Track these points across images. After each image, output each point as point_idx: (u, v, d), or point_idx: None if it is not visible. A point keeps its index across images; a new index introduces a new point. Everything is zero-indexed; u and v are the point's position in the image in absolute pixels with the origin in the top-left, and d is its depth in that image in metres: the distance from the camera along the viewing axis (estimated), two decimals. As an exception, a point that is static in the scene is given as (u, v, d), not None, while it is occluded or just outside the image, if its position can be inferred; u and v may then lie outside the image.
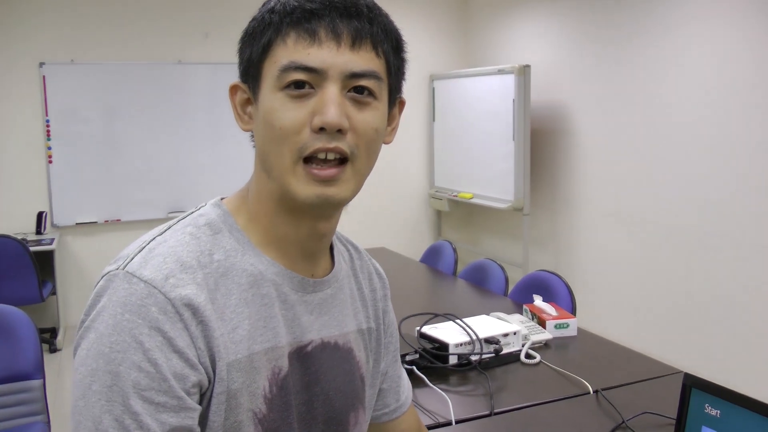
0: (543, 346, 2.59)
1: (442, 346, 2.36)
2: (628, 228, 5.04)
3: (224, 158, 6.15)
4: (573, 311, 3.02)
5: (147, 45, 5.91)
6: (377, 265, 1.28)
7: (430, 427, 1.95)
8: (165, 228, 1.00)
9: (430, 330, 2.46)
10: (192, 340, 0.91)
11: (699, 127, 4.39)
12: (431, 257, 4.36)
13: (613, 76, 5.11)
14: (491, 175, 5.92)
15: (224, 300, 0.95)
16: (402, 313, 2.55)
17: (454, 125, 6.44)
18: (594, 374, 2.30)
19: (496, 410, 2.06)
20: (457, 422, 1.99)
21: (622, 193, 5.09)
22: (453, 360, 2.34)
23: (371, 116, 0.97)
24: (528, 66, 5.51)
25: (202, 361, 0.92)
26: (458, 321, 2.49)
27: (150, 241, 0.97)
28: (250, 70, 0.99)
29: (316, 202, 0.96)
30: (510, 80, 5.56)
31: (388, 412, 1.29)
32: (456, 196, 6.43)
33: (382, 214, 6.64)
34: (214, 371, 0.93)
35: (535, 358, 2.45)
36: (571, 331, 2.72)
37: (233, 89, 1.03)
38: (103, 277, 0.93)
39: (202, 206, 1.05)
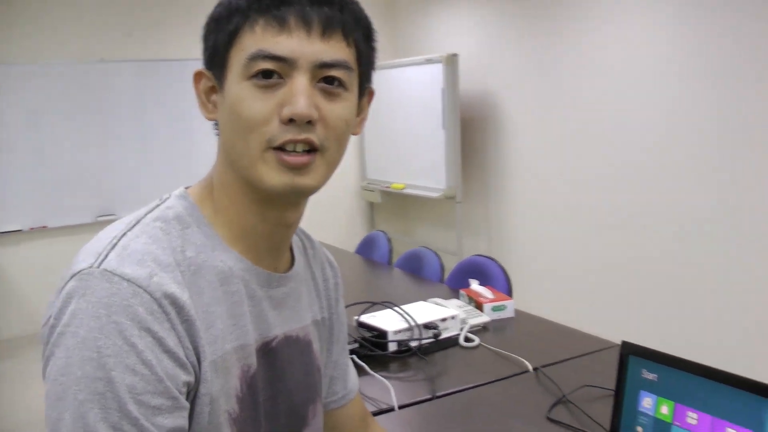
0: (481, 329, 2.60)
1: (381, 334, 2.35)
2: (560, 212, 5.12)
3: (155, 160, 6.02)
4: (509, 293, 3.05)
5: (66, 43, 5.74)
6: (329, 255, 1.27)
7: (374, 414, 1.94)
8: (133, 222, 0.94)
9: (368, 318, 2.45)
10: (179, 340, 0.87)
11: (626, 115, 4.48)
12: (366, 248, 4.36)
13: (542, 64, 5.17)
14: (422, 165, 5.94)
15: (198, 298, 0.92)
16: (340, 303, 2.54)
17: (384, 116, 6.44)
18: (533, 353, 2.33)
19: (437, 393, 2.07)
20: (400, 407, 1.99)
21: (552, 178, 5.16)
22: (393, 347, 2.33)
23: (341, 107, 0.94)
24: (456, 55, 5.54)
25: (190, 360, 0.88)
26: (396, 308, 2.49)
27: (121, 237, 0.90)
28: (216, 58, 0.95)
29: (286, 190, 0.93)
30: (438, 69, 5.59)
31: (336, 399, 1.28)
32: (388, 188, 6.43)
33: (314, 208, 6.48)
34: (199, 370, 0.90)
35: (474, 341, 2.46)
36: (509, 313, 2.74)
37: (197, 76, 0.99)
38: (73, 276, 0.86)
39: (167, 198, 1.00)
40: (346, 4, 0.95)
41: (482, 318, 2.63)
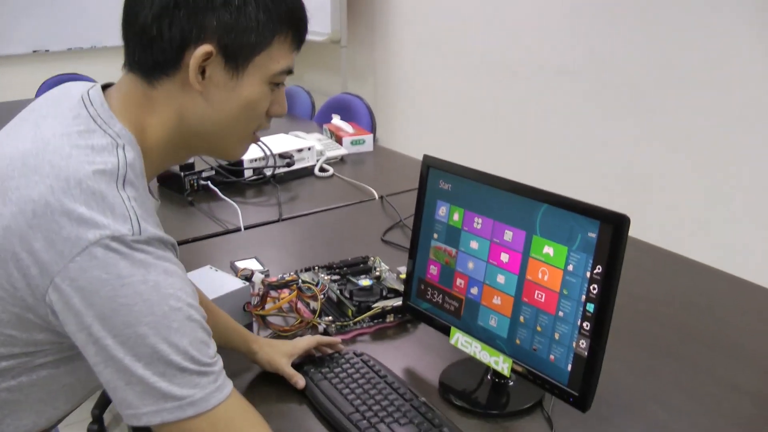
0: (339, 161, 2.70)
1: (237, 162, 2.42)
2: (444, 56, 5.17)
3: None
4: (373, 130, 3.14)
5: None
6: None
7: (219, 234, 2.04)
8: (120, 178, 0.96)
9: (226, 147, 2.50)
10: None
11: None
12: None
13: None
14: (307, 9, 5.84)
15: None
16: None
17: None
18: (382, 184, 2.44)
19: (284, 216, 2.17)
20: (245, 228, 2.08)
21: (438, 22, 5.18)
22: (248, 174, 2.41)
23: None
24: None
25: None
26: (254, 138, 2.54)
27: (129, 200, 0.94)
28: (242, 54, 1.02)
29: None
30: None
31: None
32: (275, 30, 6.32)
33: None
34: None
35: (328, 171, 2.56)
36: (367, 147, 2.84)
37: (207, 55, 0.99)
38: (114, 239, 0.90)
39: (120, 141, 0.99)
40: None
41: (340, 151, 2.71)
